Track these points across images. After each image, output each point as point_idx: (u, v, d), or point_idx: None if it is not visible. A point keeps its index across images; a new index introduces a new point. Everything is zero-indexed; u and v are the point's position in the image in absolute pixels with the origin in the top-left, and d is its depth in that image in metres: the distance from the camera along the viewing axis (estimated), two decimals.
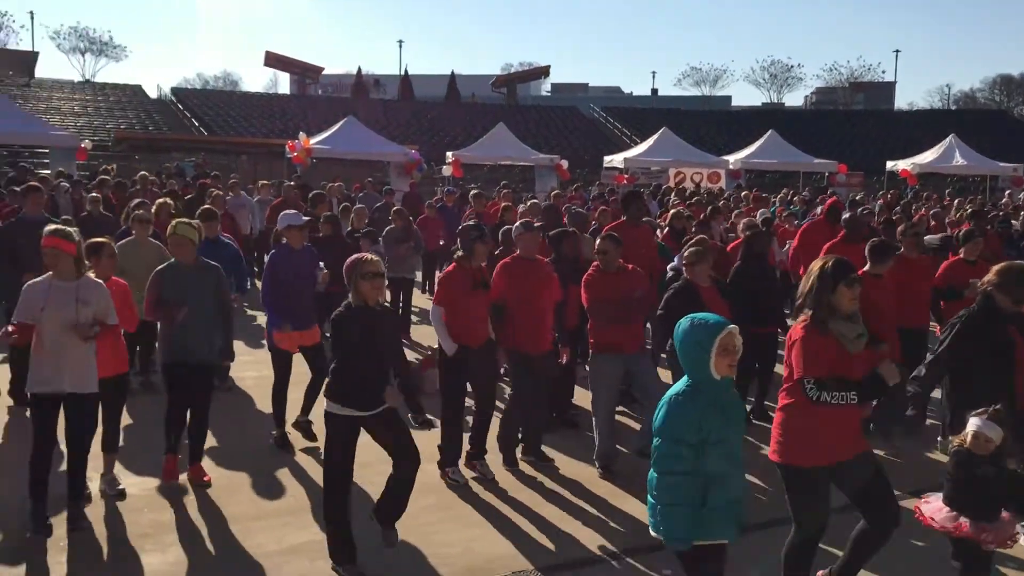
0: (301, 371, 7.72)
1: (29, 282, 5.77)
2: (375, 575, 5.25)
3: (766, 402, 8.35)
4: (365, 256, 5.40)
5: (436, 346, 7.19)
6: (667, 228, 11.02)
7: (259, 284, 14.60)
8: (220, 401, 7.83)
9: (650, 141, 33.29)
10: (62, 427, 5.72)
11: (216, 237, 9.03)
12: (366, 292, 5.25)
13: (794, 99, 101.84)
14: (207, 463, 6.78)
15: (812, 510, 4.61)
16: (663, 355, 7.60)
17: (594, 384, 7.18)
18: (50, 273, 5.69)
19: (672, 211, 10.77)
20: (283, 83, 78.33)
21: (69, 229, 5.82)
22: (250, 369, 9.79)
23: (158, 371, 9.02)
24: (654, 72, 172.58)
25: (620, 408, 8.00)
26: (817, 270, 4.59)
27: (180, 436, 6.62)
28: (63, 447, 5.78)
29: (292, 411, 7.67)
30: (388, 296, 10.30)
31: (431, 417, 6.24)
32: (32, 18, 71.72)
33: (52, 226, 5.87)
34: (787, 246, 11.79)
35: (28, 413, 6.08)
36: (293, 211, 8.54)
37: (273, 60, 58.30)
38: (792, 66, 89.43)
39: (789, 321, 6.14)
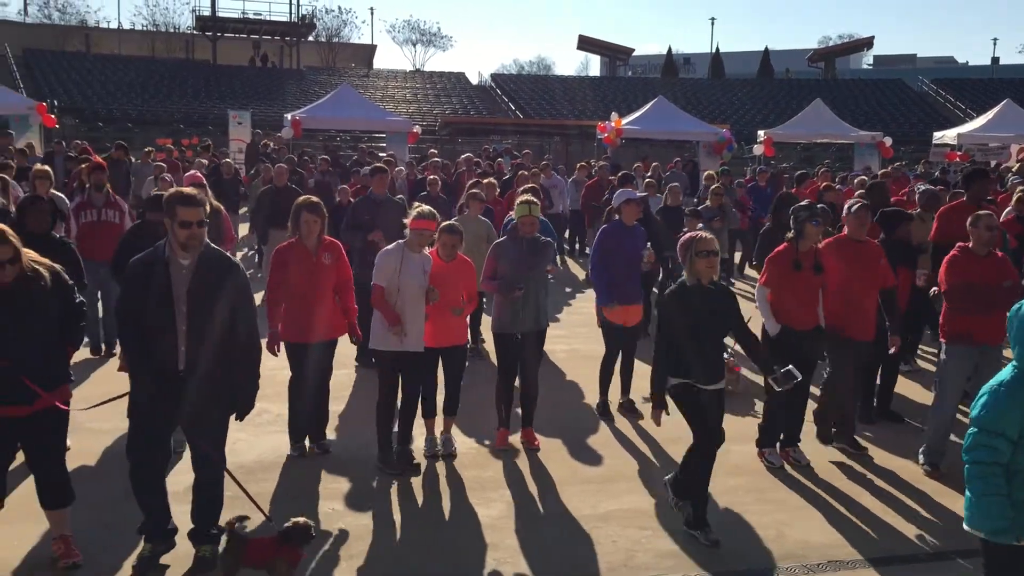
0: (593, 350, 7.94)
1: (383, 250, 6.47)
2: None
3: None
4: (700, 234, 5.47)
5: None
6: (1011, 212, 9.99)
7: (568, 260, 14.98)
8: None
9: (989, 115, 30.19)
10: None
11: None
12: (701, 270, 5.33)
13: None
14: None
15: None
16: None
17: (941, 375, 6.73)
18: (401, 242, 6.33)
19: (1018, 194, 9.72)
20: (593, 66, 79.98)
21: (427, 209, 6.42)
22: (560, 343, 10.19)
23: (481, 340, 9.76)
24: (995, 39, 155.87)
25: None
26: None
27: (510, 408, 7.01)
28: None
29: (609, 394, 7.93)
30: None
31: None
32: (372, 14, 78.61)
33: (418, 209, 6.47)
34: None
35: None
36: (629, 188, 8.85)
37: (586, 43, 59.61)
38: None
39: None
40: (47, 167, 10.39)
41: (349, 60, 63.06)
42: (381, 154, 20.81)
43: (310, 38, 60.52)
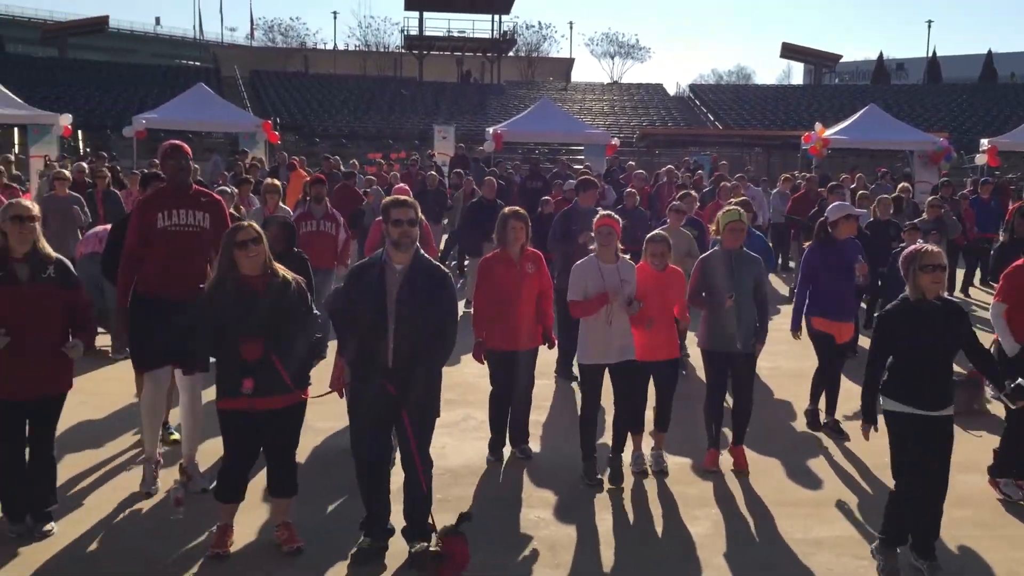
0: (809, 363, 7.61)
1: (576, 264, 6.48)
2: None
3: None
4: (925, 247, 5.16)
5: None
6: None
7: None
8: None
9: None
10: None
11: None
12: (926, 285, 5.03)
13: None
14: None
15: None
16: None
17: None
18: (594, 254, 6.34)
19: None
20: (796, 74, 77.30)
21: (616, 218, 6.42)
22: (763, 359, 9.84)
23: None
24: None
25: None
26: None
27: (720, 428, 6.85)
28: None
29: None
30: None
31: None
32: (571, 28, 79.42)
33: (605, 216, 6.48)
34: None
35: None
36: (845, 202, 8.50)
37: (789, 51, 57.77)
38: None
39: None
40: (276, 181, 11.15)
41: (547, 74, 64.06)
42: (577, 166, 21.00)
43: (510, 53, 61.93)
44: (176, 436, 6.85)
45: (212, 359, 5.30)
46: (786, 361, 9.67)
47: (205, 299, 4.91)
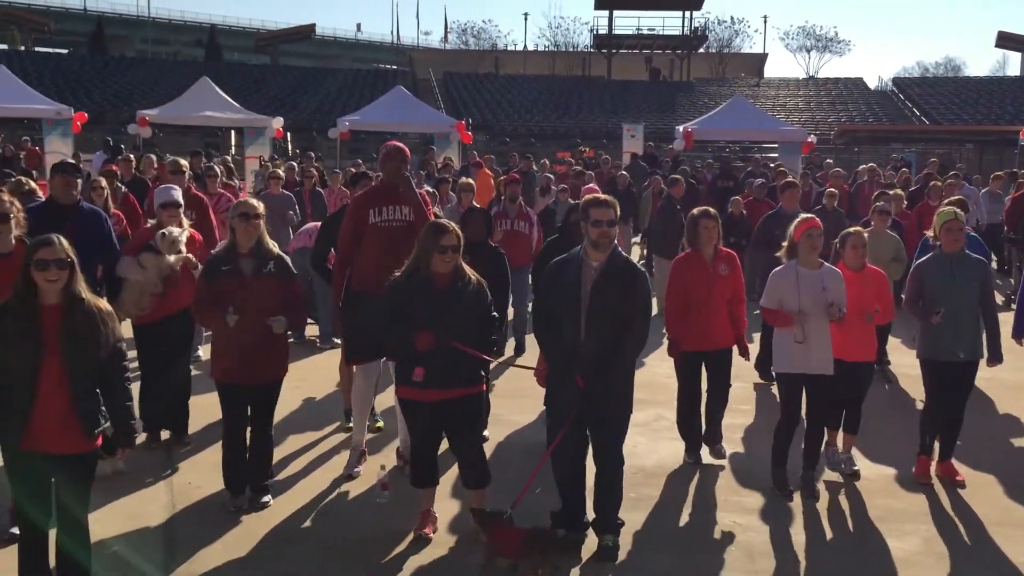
0: None
1: (775, 269, 6.25)
2: None
3: None
4: None
5: None
6: None
7: None
8: None
9: None
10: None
11: None
12: None
13: None
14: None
15: None
16: None
17: None
18: (793, 261, 6.08)
19: None
20: (1012, 64, 71.63)
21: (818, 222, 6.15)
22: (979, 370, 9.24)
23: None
24: None
25: None
26: None
27: (934, 437, 6.47)
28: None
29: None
30: None
31: None
32: (765, 22, 77.14)
33: (810, 218, 6.25)
34: None
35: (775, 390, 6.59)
36: None
37: (1006, 40, 53.73)
38: None
39: None
40: (470, 180, 11.47)
41: (738, 70, 62.52)
42: (772, 164, 20.35)
43: (701, 50, 60.86)
44: (381, 424, 7.18)
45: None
46: (1009, 373, 8.99)
47: (393, 286, 5.09)
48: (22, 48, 54.38)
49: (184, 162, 9.25)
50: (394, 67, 65.04)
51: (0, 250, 4.93)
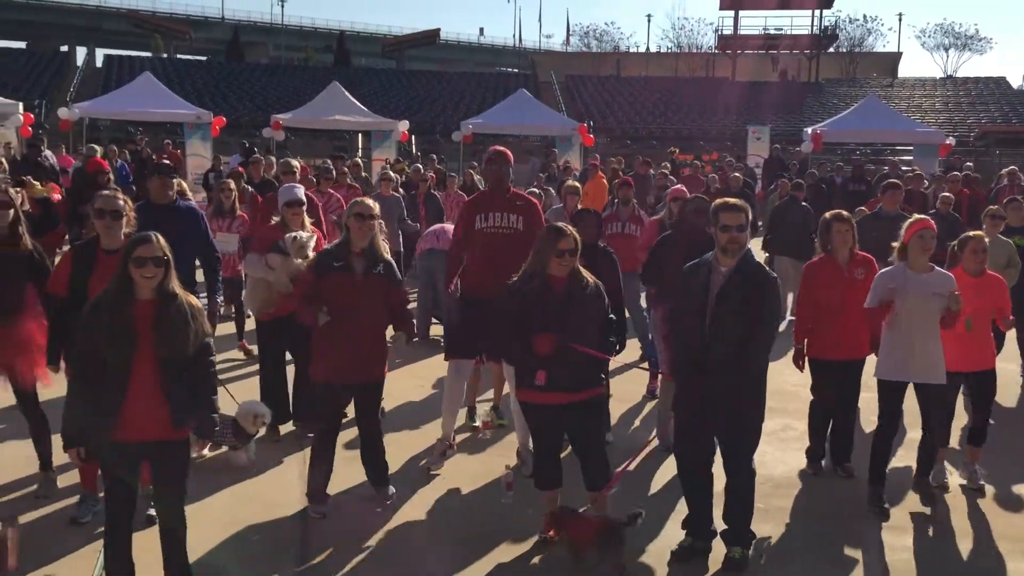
0: None
1: (882, 270, 6.01)
2: None
3: None
4: None
5: None
6: None
7: None
8: None
9: None
10: None
11: None
12: None
13: None
14: None
15: None
16: None
17: None
18: (901, 264, 5.82)
19: None
20: None
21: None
22: None
23: None
24: None
25: None
26: None
27: None
28: None
29: None
30: None
31: None
32: (900, 20, 74.13)
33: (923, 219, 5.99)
34: None
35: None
36: None
37: None
38: None
39: None
40: (576, 183, 11.45)
41: (870, 70, 60.36)
42: (904, 168, 19.59)
43: (830, 49, 59.05)
44: (503, 421, 7.25)
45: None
46: None
47: (511, 291, 5.11)
48: (164, 56, 57.26)
49: (295, 163, 9.56)
50: (516, 70, 65.53)
51: (112, 246, 5.13)
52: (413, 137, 32.86)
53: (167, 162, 7.81)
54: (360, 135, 31.00)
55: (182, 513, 4.39)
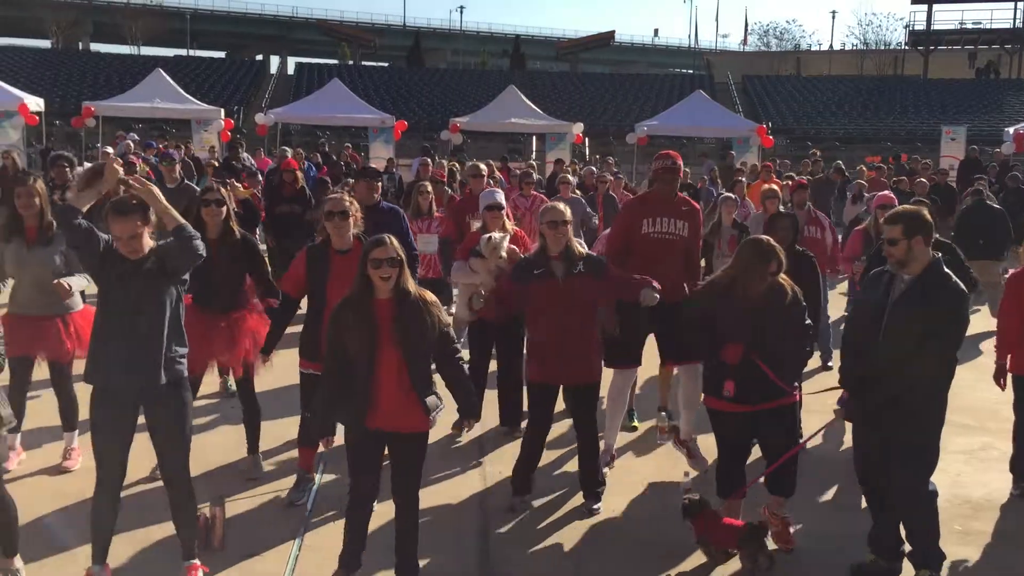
0: None
1: None
2: None
3: None
4: None
5: None
6: None
7: None
8: None
9: None
10: None
11: None
12: None
13: None
14: None
15: None
16: None
17: None
18: None
19: None
20: None
21: None
22: None
23: None
24: None
25: None
26: None
27: None
28: None
29: None
30: None
31: None
32: None
33: None
34: None
35: None
36: None
37: None
38: None
39: None
40: (773, 186, 11.11)
41: None
42: None
43: None
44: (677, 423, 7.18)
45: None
46: None
47: (701, 295, 5.03)
48: (351, 63, 59.90)
49: (483, 166, 9.75)
50: (690, 71, 64.54)
51: (342, 247, 5.41)
52: (587, 140, 32.99)
53: (374, 167, 8.24)
54: (534, 137, 31.39)
55: (416, 504, 4.61)
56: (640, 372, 6.65)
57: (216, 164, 16.41)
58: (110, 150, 17.34)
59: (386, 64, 68.60)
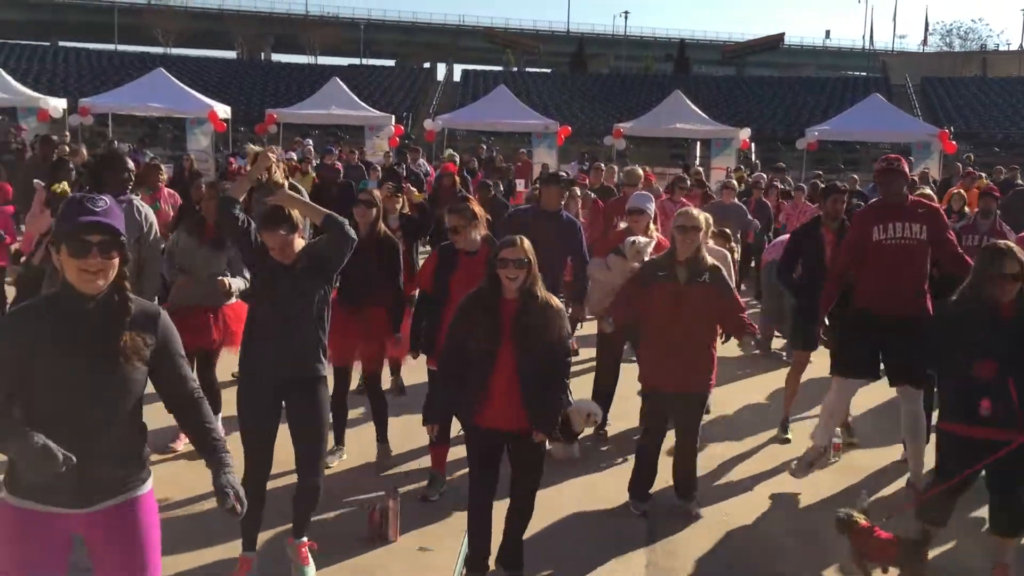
0: None
1: None
2: None
3: None
4: None
5: None
6: None
7: None
8: None
9: None
10: None
11: None
12: None
13: None
14: None
15: None
16: None
17: None
18: None
19: None
20: None
21: None
22: None
23: None
24: None
25: None
26: None
27: None
28: None
29: None
30: None
31: None
32: None
33: None
34: None
35: None
36: None
37: None
38: None
39: None
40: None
41: None
42: None
43: None
44: (855, 440, 6.97)
45: None
46: None
47: (947, 312, 4.81)
48: (515, 69, 60.77)
49: (640, 172, 9.68)
50: (864, 73, 61.87)
51: (469, 248, 5.62)
52: (753, 145, 32.21)
53: (559, 173, 8.25)
54: (698, 143, 30.91)
55: (532, 500, 4.67)
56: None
57: (380, 169, 16.96)
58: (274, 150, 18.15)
59: (549, 70, 69.18)
